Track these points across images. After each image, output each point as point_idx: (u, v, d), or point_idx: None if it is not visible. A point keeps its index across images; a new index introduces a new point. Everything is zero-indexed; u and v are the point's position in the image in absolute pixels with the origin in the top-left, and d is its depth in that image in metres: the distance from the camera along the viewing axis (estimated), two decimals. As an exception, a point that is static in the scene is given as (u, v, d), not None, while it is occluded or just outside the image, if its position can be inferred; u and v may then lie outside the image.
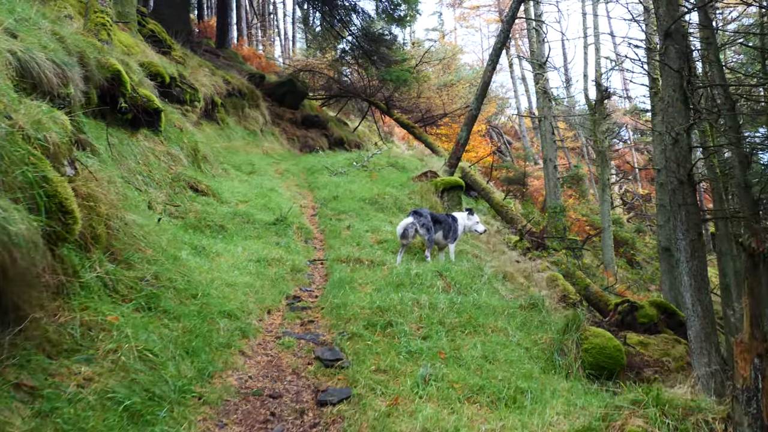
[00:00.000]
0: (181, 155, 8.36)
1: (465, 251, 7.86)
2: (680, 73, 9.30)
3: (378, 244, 7.49)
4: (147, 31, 14.35)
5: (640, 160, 47.60)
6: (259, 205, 8.53)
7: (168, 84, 12.42)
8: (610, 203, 26.97)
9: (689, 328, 8.81)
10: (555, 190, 24.36)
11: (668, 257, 17.26)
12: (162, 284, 4.18)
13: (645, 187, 45.26)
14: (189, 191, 7.88)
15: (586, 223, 29.95)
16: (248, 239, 7.20)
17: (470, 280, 5.96)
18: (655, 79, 18.42)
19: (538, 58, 25.48)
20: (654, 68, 18.44)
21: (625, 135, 50.97)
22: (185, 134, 9.06)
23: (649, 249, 30.42)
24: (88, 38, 8.40)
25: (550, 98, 25.84)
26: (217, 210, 7.74)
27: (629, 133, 53.08)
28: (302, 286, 6.00)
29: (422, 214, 7.23)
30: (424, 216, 7.21)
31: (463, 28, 58.43)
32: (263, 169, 11.49)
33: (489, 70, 15.39)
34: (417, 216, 7.16)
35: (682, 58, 9.47)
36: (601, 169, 23.93)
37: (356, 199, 9.41)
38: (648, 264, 28.37)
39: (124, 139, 7.65)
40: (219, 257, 6.05)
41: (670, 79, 9.38)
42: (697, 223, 8.94)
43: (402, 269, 5.89)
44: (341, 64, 24.43)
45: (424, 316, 4.65)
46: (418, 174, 10.60)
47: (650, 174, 50.33)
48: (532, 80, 41.74)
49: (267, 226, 7.74)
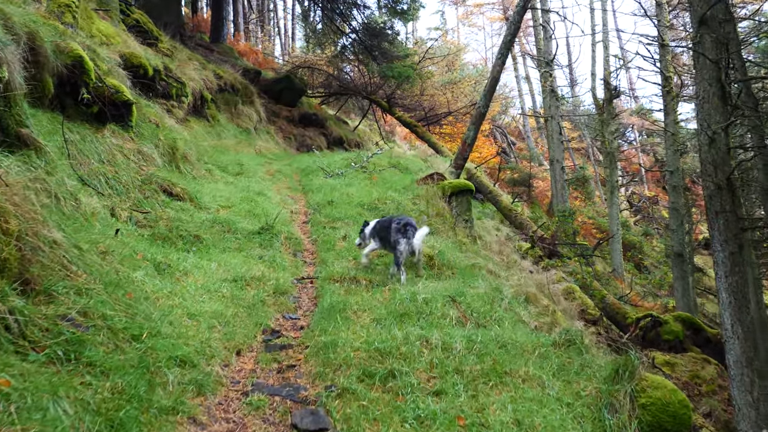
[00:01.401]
0: (155, 154, 7.34)
1: (479, 266, 6.83)
2: (717, 64, 8.28)
3: (378, 258, 6.46)
4: (131, 20, 13.35)
5: (645, 161, 46.76)
6: (243, 212, 7.51)
7: (151, 77, 11.42)
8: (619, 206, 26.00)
9: (728, 352, 7.79)
10: (562, 192, 23.42)
11: (681, 263, 16.31)
12: (92, 323, 3.16)
13: (651, 189, 44.36)
14: (162, 195, 6.86)
15: (593, 226, 29.04)
16: (227, 252, 6.18)
17: (489, 306, 4.93)
18: (668, 77, 17.46)
19: (545, 55, 24.57)
20: (666, 66, 17.50)
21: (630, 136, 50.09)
22: (162, 131, 8.03)
23: (656, 253, 29.52)
24: (48, 20, 7.39)
25: (558, 97, 24.93)
26: (194, 217, 6.72)
27: (635, 134, 52.21)
28: (286, 313, 4.97)
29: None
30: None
31: (466, 26, 57.51)
32: (253, 169, 10.46)
33: (498, 65, 14.37)
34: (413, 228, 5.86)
35: (720, 47, 8.45)
36: (609, 171, 22.96)
37: (354, 204, 8.38)
38: (656, 268, 27.50)
39: (86, 136, 6.63)
40: (187, 277, 5.02)
41: (706, 72, 8.35)
42: (737, 234, 7.93)
43: (406, 293, 4.86)
44: (341, 61, 23.40)
45: (436, 362, 3.62)
46: (423, 176, 9.57)
47: (656, 175, 49.55)
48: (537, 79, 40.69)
49: (250, 236, 6.72)
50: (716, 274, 8.04)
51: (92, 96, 6.76)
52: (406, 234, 5.71)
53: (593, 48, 29.59)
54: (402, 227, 5.73)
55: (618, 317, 12.83)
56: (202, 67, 15.17)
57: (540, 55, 24.92)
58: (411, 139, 31.52)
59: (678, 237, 16.62)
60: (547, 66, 24.55)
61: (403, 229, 5.72)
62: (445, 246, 7.06)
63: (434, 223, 8.00)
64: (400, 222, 5.79)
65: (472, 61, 52.39)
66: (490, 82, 14.29)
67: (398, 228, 5.75)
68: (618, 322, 12.71)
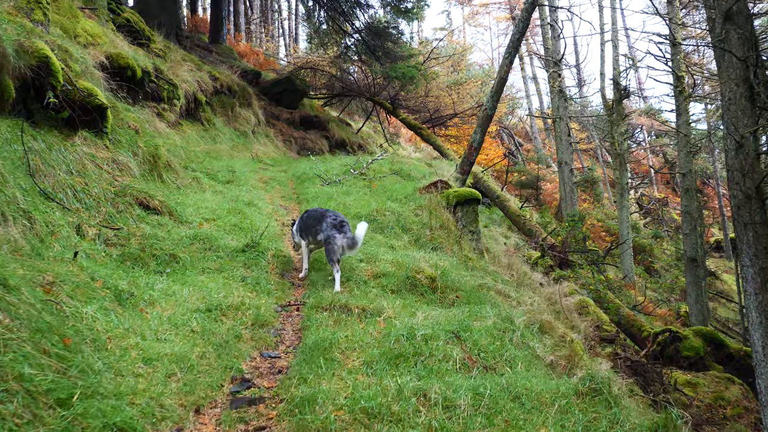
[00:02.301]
0: (132, 163, 6.71)
1: (486, 286, 6.16)
2: (746, 62, 7.59)
3: (374, 279, 5.80)
4: (122, 20, 12.75)
5: (654, 162, 46.10)
6: (228, 225, 6.86)
7: (140, 79, 10.84)
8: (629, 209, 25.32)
9: (759, 377, 7.09)
10: (571, 195, 22.76)
11: (694, 268, 15.63)
12: (3, 387, 2.52)
13: (661, 191, 43.68)
14: (137, 209, 6.23)
15: (602, 229, 28.38)
16: (206, 273, 5.54)
17: (499, 342, 4.26)
18: (680, 76, 16.80)
19: (553, 55, 23.99)
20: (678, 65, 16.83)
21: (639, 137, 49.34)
22: (143, 137, 7.41)
23: (667, 256, 28.86)
24: (14, 17, 6.78)
25: (566, 98, 24.31)
26: (172, 233, 6.09)
27: (644, 135, 51.50)
28: (265, 350, 4.31)
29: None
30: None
31: (472, 26, 56.87)
32: (245, 176, 9.82)
33: (506, 65, 13.68)
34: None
35: (747, 44, 7.77)
36: (619, 172, 22.28)
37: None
38: (667, 272, 26.91)
39: (54, 144, 6.01)
40: (152, 307, 4.39)
41: (732, 71, 7.65)
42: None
43: (403, 327, 4.20)
44: (344, 61, 22.73)
45: (435, 426, 2.95)
46: (426, 184, 8.90)
47: (665, 177, 48.83)
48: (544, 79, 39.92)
49: (234, 253, 6.08)
50: (745, 290, 7.40)
51: (60, 100, 6.14)
52: (342, 229, 5.73)
53: (602, 47, 28.89)
54: (338, 223, 5.76)
55: (633, 330, 12.15)
56: (197, 69, 14.57)
57: (548, 55, 24.35)
58: (416, 141, 30.83)
59: (691, 241, 15.96)
60: (555, 66, 23.96)
61: (339, 225, 5.75)
62: (449, 263, 6.40)
63: (438, 236, 7.34)
64: (337, 218, 5.83)
65: (478, 61, 51.79)
66: (498, 82, 13.62)
67: (335, 223, 5.76)
68: (633, 335, 12.03)
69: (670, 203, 39.71)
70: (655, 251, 29.08)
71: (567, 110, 24.13)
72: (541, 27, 26.11)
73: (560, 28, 24.23)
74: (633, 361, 9.26)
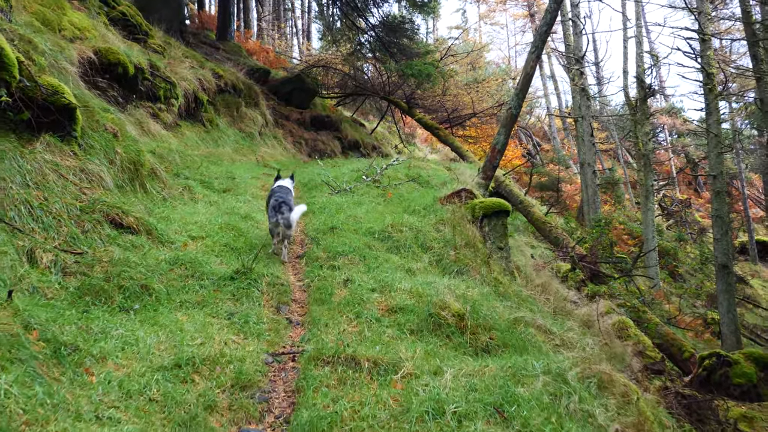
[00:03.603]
0: (105, 172, 5.71)
1: (524, 320, 5.09)
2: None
3: (389, 315, 4.75)
4: (116, 13, 11.83)
5: (676, 163, 44.84)
6: (219, 245, 5.85)
7: (132, 76, 9.91)
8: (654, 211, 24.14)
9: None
10: (594, 198, 21.62)
11: (726, 275, 14.51)
12: None
13: (683, 192, 42.39)
14: (107, 228, 5.23)
15: (624, 232, 27.21)
16: (184, 309, 4.53)
17: (554, 414, 3.20)
18: (710, 73, 15.68)
19: (575, 52, 22.92)
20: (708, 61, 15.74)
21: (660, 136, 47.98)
22: (122, 141, 6.42)
23: (691, 259, 27.68)
24: (-32, 3, 5.83)
25: (589, 97, 23.21)
26: (147, 257, 5.09)
27: (665, 134, 50.14)
28: (244, 426, 3.28)
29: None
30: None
31: (488, 25, 55.72)
32: (246, 184, 8.82)
33: (532, 59, 12.56)
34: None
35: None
36: (643, 174, 21.08)
37: (361, 231, 6.66)
38: (692, 276, 25.81)
39: (7, 151, 5.03)
40: (102, 365, 3.38)
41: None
42: None
43: (427, 398, 3.15)
44: (357, 59, 21.68)
45: None
46: (448, 193, 7.82)
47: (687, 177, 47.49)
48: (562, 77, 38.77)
49: (222, 281, 5.06)
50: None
51: (16, 99, 5.17)
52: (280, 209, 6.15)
53: (625, 44, 27.68)
54: (278, 205, 6.20)
55: (673, 350, 10.99)
56: (200, 66, 13.61)
57: (569, 52, 23.28)
58: (432, 142, 29.72)
59: (722, 247, 14.81)
60: (577, 63, 22.90)
61: (278, 207, 6.17)
62: (478, 293, 5.33)
63: (463, 257, 6.27)
64: (278, 200, 6.27)
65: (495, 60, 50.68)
66: (523, 79, 12.50)
67: (274, 205, 6.22)
68: (673, 356, 10.87)
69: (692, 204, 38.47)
70: (679, 255, 27.97)
71: (590, 110, 23.08)
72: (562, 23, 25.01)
73: (582, 23, 23.24)
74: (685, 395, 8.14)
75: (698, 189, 44.75)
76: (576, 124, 22.29)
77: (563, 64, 33.03)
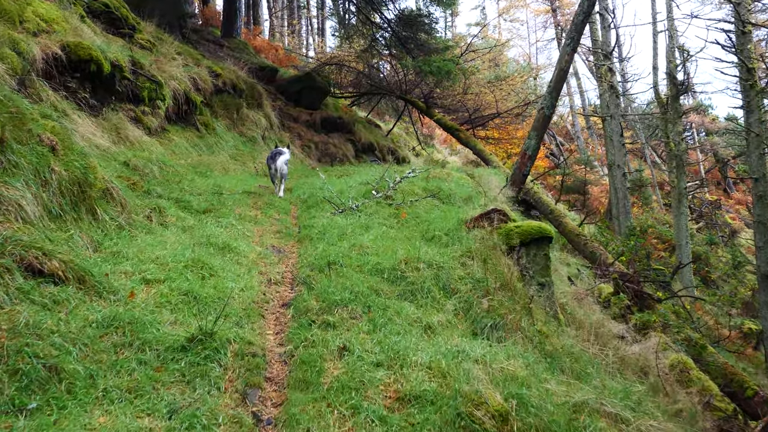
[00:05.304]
0: (26, 199, 4.34)
1: (587, 407, 3.63)
2: None
3: (399, 408, 3.31)
4: (99, 5, 10.55)
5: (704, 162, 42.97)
6: (177, 293, 4.43)
7: (108, 75, 8.58)
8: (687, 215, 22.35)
9: None
10: (624, 202, 20.01)
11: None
12: None
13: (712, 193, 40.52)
14: (18, 278, 3.84)
15: (653, 236, 25.54)
16: (105, 405, 3.13)
17: None
18: (750, 69, 14.10)
19: (603, 47, 21.40)
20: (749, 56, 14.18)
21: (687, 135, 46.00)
22: (63, 156, 5.04)
23: (723, 264, 26.00)
24: None
25: (618, 94, 21.63)
26: (71, 318, 3.70)
27: (693, 133, 48.20)
28: None
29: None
30: None
31: (507, 21, 53.97)
32: (234, 201, 7.41)
33: (567, 53, 11.03)
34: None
35: None
36: (676, 176, 19.43)
37: (367, 268, 5.20)
38: (724, 282, 24.21)
39: None
40: None
41: None
42: None
43: None
44: (372, 56, 20.23)
45: None
46: (476, 215, 6.33)
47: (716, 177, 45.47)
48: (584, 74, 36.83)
49: (170, 354, 3.66)
50: None
51: None
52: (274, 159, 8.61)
53: (654, 38, 25.99)
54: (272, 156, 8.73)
55: (734, 386, 9.42)
56: (195, 64, 12.28)
57: (597, 47, 21.77)
58: (451, 142, 28.16)
59: (765, 255, 13.32)
60: (605, 59, 21.34)
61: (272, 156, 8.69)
62: (523, 366, 3.86)
63: (498, 304, 4.79)
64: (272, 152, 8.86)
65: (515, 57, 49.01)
66: (557, 75, 10.98)
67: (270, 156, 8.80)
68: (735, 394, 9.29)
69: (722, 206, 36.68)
70: (711, 260, 26.34)
71: (619, 108, 21.53)
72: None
73: (611, 17, 21.73)
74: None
75: (728, 189, 42.79)
76: (603, 123, 20.90)
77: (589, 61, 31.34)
